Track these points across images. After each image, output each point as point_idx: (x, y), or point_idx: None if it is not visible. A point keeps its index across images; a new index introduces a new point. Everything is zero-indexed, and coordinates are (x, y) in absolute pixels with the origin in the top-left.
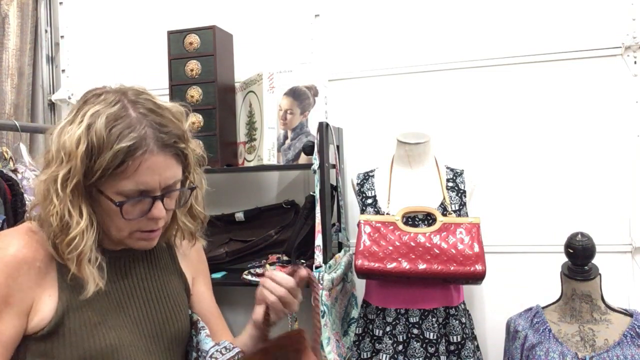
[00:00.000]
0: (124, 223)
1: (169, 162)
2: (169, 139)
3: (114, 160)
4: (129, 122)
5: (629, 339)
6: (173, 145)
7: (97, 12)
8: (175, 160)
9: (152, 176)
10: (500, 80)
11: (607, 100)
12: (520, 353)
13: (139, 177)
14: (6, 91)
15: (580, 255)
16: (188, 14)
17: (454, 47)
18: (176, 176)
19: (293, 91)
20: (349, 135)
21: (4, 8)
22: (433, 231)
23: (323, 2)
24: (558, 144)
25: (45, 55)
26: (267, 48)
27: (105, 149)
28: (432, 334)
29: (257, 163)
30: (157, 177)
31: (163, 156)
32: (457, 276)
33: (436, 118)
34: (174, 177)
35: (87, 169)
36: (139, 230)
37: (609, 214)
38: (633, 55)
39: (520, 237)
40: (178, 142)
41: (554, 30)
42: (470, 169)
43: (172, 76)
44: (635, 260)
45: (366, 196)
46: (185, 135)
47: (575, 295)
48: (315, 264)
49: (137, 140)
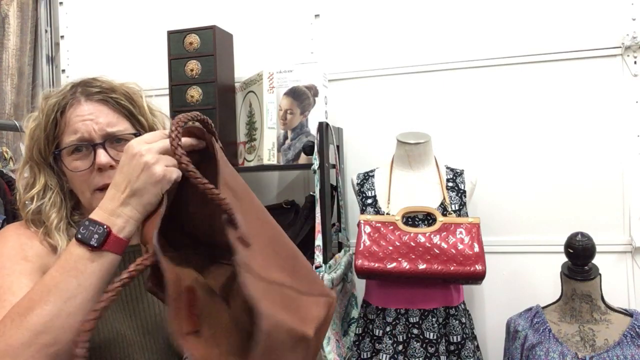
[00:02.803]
0: (81, 183)
1: (100, 108)
2: (95, 89)
3: (48, 120)
4: (61, 89)
5: (629, 339)
6: (100, 93)
7: (97, 12)
8: (110, 108)
9: (83, 122)
10: (500, 80)
11: (607, 100)
12: (520, 353)
13: (72, 126)
14: (6, 91)
15: (580, 255)
16: (188, 14)
17: (454, 47)
18: (117, 125)
19: (293, 91)
20: (349, 135)
21: (4, 8)
22: (433, 231)
23: (323, 2)
24: (558, 144)
25: (45, 55)
26: (267, 48)
27: (43, 114)
28: (432, 334)
29: (257, 163)
30: (89, 122)
31: (91, 103)
32: (457, 276)
33: (436, 118)
34: (114, 125)
35: (35, 142)
36: (96, 189)
37: (609, 214)
38: (633, 55)
39: (520, 237)
40: (107, 92)
41: (554, 30)
42: (470, 169)
43: (172, 76)
44: (635, 260)
45: (366, 196)
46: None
47: (575, 295)
48: (315, 264)
49: (64, 96)
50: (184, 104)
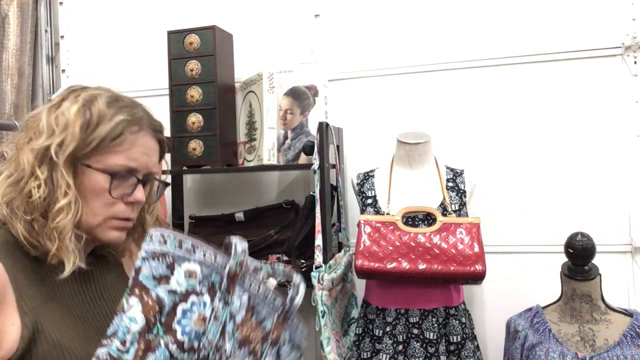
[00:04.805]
0: (102, 205)
1: (156, 147)
2: (159, 125)
3: (113, 131)
4: (127, 101)
5: (629, 339)
6: (161, 132)
7: (97, 12)
8: (159, 149)
9: (142, 155)
10: (500, 80)
11: (607, 100)
12: (520, 353)
13: (132, 153)
14: (6, 91)
15: (580, 255)
16: (188, 14)
17: (453, 47)
18: (156, 165)
19: (293, 91)
20: (349, 135)
21: (4, 8)
22: (433, 231)
23: (323, 2)
24: (558, 144)
25: (45, 55)
26: (267, 48)
27: (105, 119)
28: (432, 334)
29: (257, 163)
30: (146, 157)
31: (154, 140)
32: (457, 276)
33: (436, 118)
34: (156, 165)
35: (81, 141)
36: (114, 217)
37: (609, 214)
38: (633, 55)
39: (520, 237)
40: (163, 132)
41: (554, 30)
42: (470, 169)
43: (172, 76)
44: (635, 260)
45: (366, 196)
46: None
47: (575, 295)
48: (315, 264)
49: (136, 116)
50: (184, 104)
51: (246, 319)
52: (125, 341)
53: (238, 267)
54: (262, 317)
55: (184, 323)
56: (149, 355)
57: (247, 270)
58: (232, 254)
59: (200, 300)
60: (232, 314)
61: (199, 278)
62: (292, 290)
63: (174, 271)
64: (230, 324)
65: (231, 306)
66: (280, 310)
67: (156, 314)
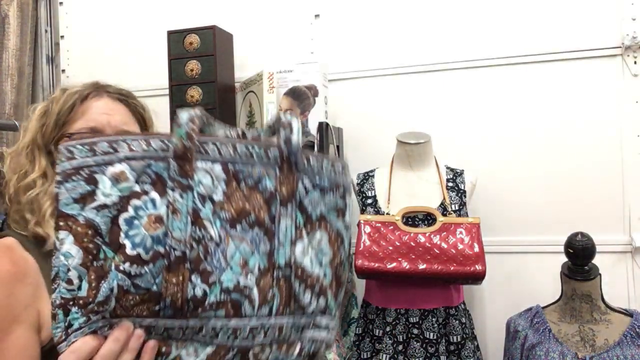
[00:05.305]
0: None
1: (118, 107)
2: (115, 90)
3: (65, 104)
4: (83, 84)
5: (629, 339)
6: (120, 94)
7: (97, 12)
8: (127, 109)
9: (100, 115)
10: (500, 80)
11: (607, 100)
12: (520, 353)
13: (89, 115)
14: (6, 91)
15: (580, 255)
16: (188, 14)
17: (453, 47)
18: (130, 126)
19: (293, 91)
20: (349, 135)
21: (4, 8)
22: (433, 231)
23: (323, 2)
24: (558, 144)
25: (45, 55)
26: (267, 48)
27: (57, 100)
28: (432, 334)
29: None
30: (106, 116)
31: (112, 101)
32: (457, 276)
33: (436, 118)
34: (127, 125)
35: (43, 125)
36: None
37: (609, 214)
38: (633, 55)
39: (520, 237)
40: (127, 96)
41: (553, 30)
42: (470, 169)
43: (172, 76)
44: (635, 260)
45: (366, 196)
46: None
47: (575, 295)
48: None
49: (85, 89)
50: (184, 104)
51: (231, 190)
52: (71, 279)
53: (187, 141)
54: (255, 179)
55: (131, 234)
56: (102, 283)
57: (205, 141)
58: (175, 127)
59: (146, 201)
60: (204, 194)
61: (132, 177)
62: (284, 131)
63: (98, 183)
64: (206, 207)
65: (198, 188)
66: (280, 158)
67: (93, 239)
